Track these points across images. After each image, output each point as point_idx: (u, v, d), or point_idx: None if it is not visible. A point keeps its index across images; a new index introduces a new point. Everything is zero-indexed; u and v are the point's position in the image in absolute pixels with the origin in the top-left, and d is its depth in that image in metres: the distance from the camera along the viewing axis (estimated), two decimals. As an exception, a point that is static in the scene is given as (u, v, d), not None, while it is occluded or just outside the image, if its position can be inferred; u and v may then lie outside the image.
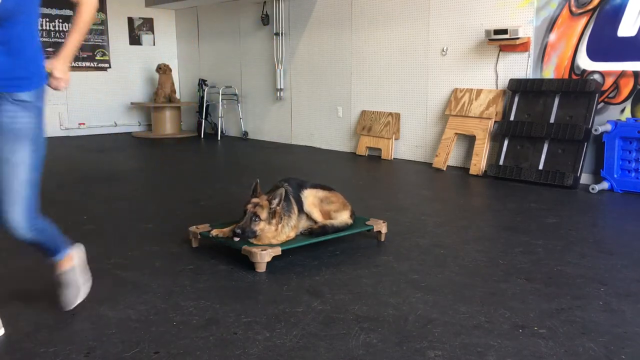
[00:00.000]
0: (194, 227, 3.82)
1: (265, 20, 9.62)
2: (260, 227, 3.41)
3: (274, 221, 3.45)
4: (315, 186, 3.92)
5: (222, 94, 10.49)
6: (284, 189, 3.49)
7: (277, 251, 3.41)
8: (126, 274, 3.35)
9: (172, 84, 11.03)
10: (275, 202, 3.44)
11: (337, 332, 2.58)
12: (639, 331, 2.59)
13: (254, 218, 3.39)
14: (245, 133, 10.41)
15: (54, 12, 10.46)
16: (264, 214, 3.40)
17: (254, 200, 3.46)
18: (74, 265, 2.78)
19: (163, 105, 10.78)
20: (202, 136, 10.70)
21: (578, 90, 5.88)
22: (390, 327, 2.62)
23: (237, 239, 3.39)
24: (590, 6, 5.86)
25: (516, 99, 6.44)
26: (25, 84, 2.36)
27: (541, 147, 6.13)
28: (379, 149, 8.00)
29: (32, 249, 2.64)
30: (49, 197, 5.41)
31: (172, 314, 2.78)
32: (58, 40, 10.51)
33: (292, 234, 3.61)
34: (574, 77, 6.05)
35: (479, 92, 6.82)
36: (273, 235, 3.49)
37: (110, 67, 11.18)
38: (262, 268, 3.35)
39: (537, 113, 6.24)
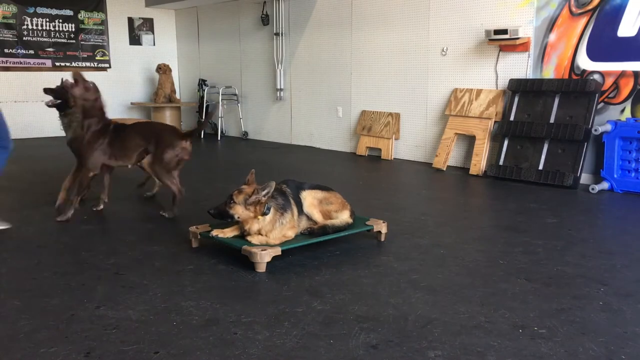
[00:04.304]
0: (194, 227, 3.83)
1: (265, 20, 9.62)
2: (235, 210, 3.45)
3: (251, 208, 3.45)
4: (313, 187, 3.92)
5: (222, 94, 10.49)
6: (274, 182, 3.51)
7: (277, 251, 3.41)
8: (126, 274, 3.35)
9: (172, 84, 11.03)
10: (263, 192, 3.44)
11: (337, 332, 2.58)
12: (638, 331, 2.59)
13: (229, 201, 3.47)
14: (245, 133, 10.41)
15: (54, 12, 10.45)
16: (239, 198, 3.46)
17: (242, 186, 3.53)
18: None
19: (163, 106, 10.78)
20: (202, 136, 10.70)
21: (578, 90, 5.89)
22: (390, 327, 2.62)
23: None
24: (590, 6, 5.86)
25: (516, 99, 6.44)
26: None
27: (541, 147, 6.13)
28: (379, 149, 7.99)
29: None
30: (49, 197, 5.41)
31: (172, 314, 2.78)
32: (58, 40, 10.51)
33: (292, 234, 3.61)
34: (574, 77, 6.05)
35: (479, 92, 6.82)
36: (269, 229, 3.50)
37: (110, 67, 11.18)
38: (262, 268, 3.35)
39: (537, 113, 6.24)
